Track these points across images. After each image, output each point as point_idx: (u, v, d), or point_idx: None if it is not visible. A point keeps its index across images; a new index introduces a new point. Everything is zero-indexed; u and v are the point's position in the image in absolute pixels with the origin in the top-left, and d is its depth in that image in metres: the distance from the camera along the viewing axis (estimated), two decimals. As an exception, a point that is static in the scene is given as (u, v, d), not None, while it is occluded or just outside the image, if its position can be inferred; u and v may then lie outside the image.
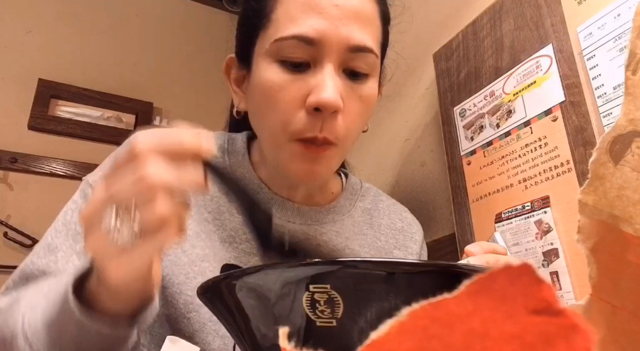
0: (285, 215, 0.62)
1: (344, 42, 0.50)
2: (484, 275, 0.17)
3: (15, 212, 1.57)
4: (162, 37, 1.99)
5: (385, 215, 0.70)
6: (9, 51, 1.71)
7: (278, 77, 0.51)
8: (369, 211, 0.70)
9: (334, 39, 0.50)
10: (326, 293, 0.23)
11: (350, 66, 0.52)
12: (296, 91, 0.51)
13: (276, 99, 0.52)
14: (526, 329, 0.17)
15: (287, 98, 0.51)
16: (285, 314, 0.25)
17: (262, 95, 0.53)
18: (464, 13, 0.90)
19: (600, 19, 0.61)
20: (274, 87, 0.52)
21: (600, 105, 0.60)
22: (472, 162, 0.79)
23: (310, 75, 0.51)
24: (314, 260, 0.25)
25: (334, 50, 0.50)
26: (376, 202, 0.71)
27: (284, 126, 0.52)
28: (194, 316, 0.54)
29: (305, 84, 0.51)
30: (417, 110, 1.01)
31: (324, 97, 0.49)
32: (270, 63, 0.52)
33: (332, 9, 0.50)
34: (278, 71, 0.52)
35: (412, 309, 0.17)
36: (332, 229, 0.64)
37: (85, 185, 0.59)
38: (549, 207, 0.64)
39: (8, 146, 1.61)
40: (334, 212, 0.65)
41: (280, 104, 0.51)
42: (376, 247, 0.66)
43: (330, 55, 0.50)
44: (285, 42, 0.51)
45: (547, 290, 0.17)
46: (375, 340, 0.17)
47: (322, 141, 0.51)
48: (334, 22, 0.50)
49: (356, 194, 0.70)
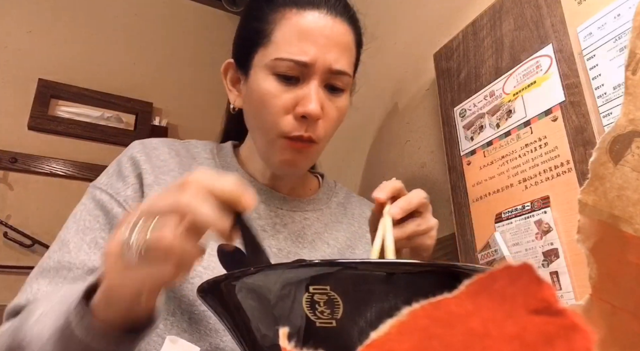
0: (273, 203, 0.72)
1: (328, 66, 0.63)
2: (484, 275, 0.17)
3: (15, 212, 1.57)
4: (162, 37, 1.99)
5: (357, 207, 0.82)
6: (9, 51, 1.70)
7: (273, 87, 0.64)
8: (343, 204, 0.82)
9: (321, 63, 0.63)
10: (326, 294, 0.23)
11: (330, 83, 0.66)
12: (287, 100, 0.63)
13: (270, 104, 0.64)
14: (526, 329, 0.17)
15: (279, 105, 0.63)
16: (285, 314, 0.25)
17: (258, 99, 0.65)
18: (464, 13, 0.90)
19: (600, 19, 0.61)
20: (269, 95, 0.64)
21: (600, 105, 0.60)
22: (472, 162, 0.79)
23: (299, 88, 0.64)
24: (314, 262, 0.25)
25: (320, 71, 0.63)
26: (348, 197, 0.84)
27: (275, 126, 0.64)
28: (197, 281, 0.59)
29: (295, 94, 0.63)
30: (417, 111, 1.01)
31: (310, 108, 0.62)
32: (268, 75, 0.64)
33: (321, 38, 0.63)
34: (273, 82, 0.64)
35: (412, 309, 0.17)
36: (314, 216, 0.75)
37: (93, 188, 0.67)
38: (549, 207, 0.64)
39: (8, 146, 1.61)
40: (314, 203, 0.77)
41: (273, 109, 0.64)
42: (351, 231, 0.78)
43: (317, 74, 0.63)
44: (283, 62, 0.63)
45: (547, 290, 0.17)
46: (375, 339, 0.17)
47: (307, 139, 0.64)
48: (322, 49, 0.63)
49: (331, 191, 0.83)
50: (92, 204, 0.65)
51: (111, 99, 1.83)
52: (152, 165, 0.68)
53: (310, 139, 0.64)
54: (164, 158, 0.70)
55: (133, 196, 0.65)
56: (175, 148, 0.73)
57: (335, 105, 0.66)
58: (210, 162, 0.74)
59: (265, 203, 0.72)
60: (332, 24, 0.65)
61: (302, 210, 0.75)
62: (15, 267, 1.50)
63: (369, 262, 0.25)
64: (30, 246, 1.54)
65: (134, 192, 0.66)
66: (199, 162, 0.74)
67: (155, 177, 0.67)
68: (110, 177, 0.68)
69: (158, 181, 0.67)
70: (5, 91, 1.67)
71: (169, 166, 0.70)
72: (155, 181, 0.66)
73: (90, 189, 0.67)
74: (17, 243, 1.53)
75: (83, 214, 0.64)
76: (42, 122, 1.68)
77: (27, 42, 1.74)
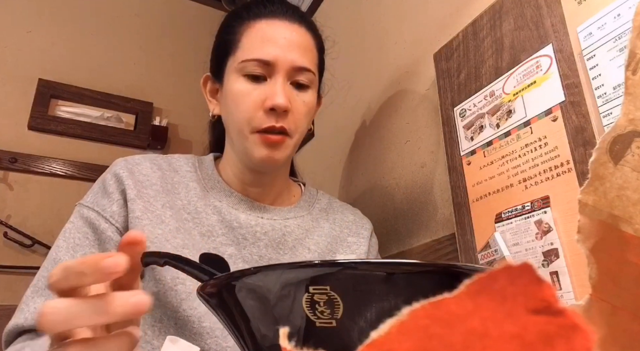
0: (254, 212, 0.76)
1: (290, 63, 0.71)
2: (484, 275, 0.17)
3: (15, 212, 1.57)
4: (162, 37, 1.99)
5: (339, 212, 0.87)
6: (9, 51, 1.70)
7: (243, 87, 0.71)
8: (325, 210, 0.86)
9: (282, 60, 0.70)
10: (326, 294, 0.23)
11: (295, 79, 0.73)
12: (256, 97, 0.70)
13: (242, 102, 0.70)
14: (526, 329, 0.17)
15: (249, 102, 0.70)
16: (285, 315, 0.25)
17: (231, 100, 0.72)
18: (464, 13, 0.90)
19: (600, 19, 0.61)
20: (240, 94, 0.71)
21: (600, 105, 0.60)
22: (472, 162, 0.79)
23: (266, 86, 0.71)
24: (314, 262, 0.25)
25: (283, 69, 0.70)
26: (330, 203, 0.88)
27: (248, 122, 0.70)
28: (180, 287, 0.65)
29: (263, 92, 0.70)
30: (417, 111, 1.01)
31: (277, 100, 0.68)
32: (238, 77, 0.72)
33: (282, 40, 0.72)
34: (243, 83, 0.71)
35: (413, 308, 0.17)
36: (295, 223, 0.79)
37: (80, 207, 0.70)
38: (549, 207, 0.64)
39: (8, 146, 1.61)
40: (295, 211, 0.81)
41: (244, 106, 0.70)
42: (332, 235, 0.82)
43: (281, 72, 0.70)
44: (249, 63, 0.71)
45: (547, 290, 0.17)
46: (375, 339, 0.17)
47: (279, 130, 0.69)
48: (283, 49, 0.71)
49: (313, 198, 0.87)
50: (80, 222, 0.68)
51: (111, 99, 1.83)
52: (135, 180, 0.71)
53: (282, 130, 0.69)
54: (146, 173, 0.74)
55: (119, 211, 0.68)
56: (158, 163, 0.77)
57: (301, 99, 0.73)
58: (192, 175, 0.78)
59: (245, 213, 0.75)
60: (291, 29, 0.73)
61: (282, 218, 0.78)
62: (15, 267, 1.50)
63: (369, 261, 0.25)
64: (30, 246, 1.54)
65: (119, 208, 0.69)
66: (181, 175, 0.78)
67: (137, 191, 0.70)
68: (95, 194, 0.71)
69: (140, 194, 0.70)
70: (5, 91, 1.67)
71: (151, 180, 0.73)
72: (137, 195, 0.70)
73: (77, 208, 0.70)
74: (17, 243, 1.53)
75: (72, 232, 0.67)
76: (42, 122, 1.68)
77: (27, 42, 1.74)
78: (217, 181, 0.77)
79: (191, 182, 0.77)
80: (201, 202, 0.74)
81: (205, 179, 0.78)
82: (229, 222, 0.74)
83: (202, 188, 0.76)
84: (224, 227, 0.73)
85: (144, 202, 0.70)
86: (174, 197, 0.73)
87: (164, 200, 0.72)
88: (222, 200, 0.75)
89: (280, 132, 0.70)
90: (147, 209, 0.69)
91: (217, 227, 0.73)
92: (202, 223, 0.73)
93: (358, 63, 1.28)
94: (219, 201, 0.75)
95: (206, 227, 0.72)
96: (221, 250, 0.72)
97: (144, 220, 0.68)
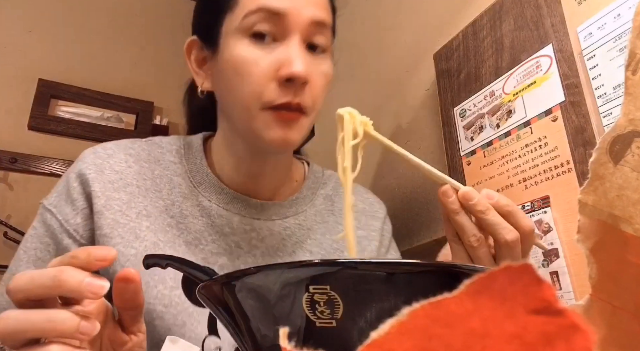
0: (249, 213, 0.64)
1: (308, 15, 0.55)
2: (484, 275, 0.17)
3: (15, 212, 1.57)
4: (162, 37, 1.99)
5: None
6: (9, 51, 1.70)
7: (249, 51, 0.55)
8: (330, 197, 0.73)
9: (297, 13, 0.55)
10: (326, 294, 0.23)
11: (312, 40, 0.57)
12: (267, 64, 0.55)
13: (248, 72, 0.55)
14: (526, 329, 0.17)
15: (258, 71, 0.54)
16: (285, 315, 0.25)
17: (233, 70, 0.56)
18: (464, 13, 0.90)
19: (600, 19, 0.61)
20: (246, 62, 0.55)
21: (600, 105, 0.60)
22: (472, 162, 0.79)
23: (279, 49, 0.55)
24: (314, 261, 0.25)
25: (299, 23, 0.55)
26: (337, 187, 0.75)
27: (257, 96, 0.55)
28: (158, 323, 0.56)
29: (275, 57, 0.55)
30: (417, 111, 1.01)
31: (296, 69, 0.53)
32: (240, 39, 0.56)
33: None
34: (248, 46, 0.55)
35: (413, 309, 0.17)
36: (295, 223, 0.67)
37: (43, 210, 0.61)
38: (549, 207, 0.64)
39: (8, 146, 1.61)
40: (296, 205, 0.69)
41: (252, 77, 0.55)
42: (337, 231, 0.70)
43: (296, 28, 0.55)
44: (253, 16, 0.55)
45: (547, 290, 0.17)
46: (375, 339, 0.17)
47: (296, 106, 0.55)
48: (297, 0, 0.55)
49: (318, 182, 0.74)
50: (42, 229, 0.60)
51: (111, 99, 1.83)
52: (104, 183, 0.60)
53: (299, 107, 0.56)
54: (118, 169, 0.62)
55: (83, 224, 0.59)
56: (135, 153, 0.65)
57: (319, 69, 0.58)
58: (177, 167, 0.65)
59: (239, 214, 0.64)
60: None
61: (281, 218, 0.67)
62: (15, 267, 1.50)
63: (369, 261, 0.25)
64: (30, 246, 1.54)
65: (83, 219, 0.59)
66: (163, 166, 0.65)
67: (106, 200, 0.59)
68: (59, 196, 0.62)
69: (109, 204, 0.59)
70: (5, 91, 1.67)
71: (126, 179, 0.62)
72: (106, 205, 0.59)
73: (40, 210, 0.62)
74: (17, 243, 1.53)
75: (34, 241, 0.60)
76: (42, 122, 1.68)
77: (27, 42, 1.74)
78: (206, 174, 0.65)
79: (175, 176, 0.64)
80: (187, 202, 0.63)
81: (193, 172, 0.65)
82: (219, 227, 0.63)
83: (188, 184, 0.64)
84: (214, 233, 0.62)
85: (114, 214, 0.59)
86: (155, 197, 0.62)
87: (140, 206, 0.61)
88: (212, 199, 0.64)
89: (296, 108, 0.56)
90: (118, 223, 0.59)
91: (205, 233, 0.62)
92: (188, 229, 0.62)
93: (358, 63, 1.28)
94: (208, 200, 0.64)
95: (193, 234, 0.62)
96: (211, 260, 0.61)
97: (114, 238, 0.58)
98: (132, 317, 0.38)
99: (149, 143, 0.67)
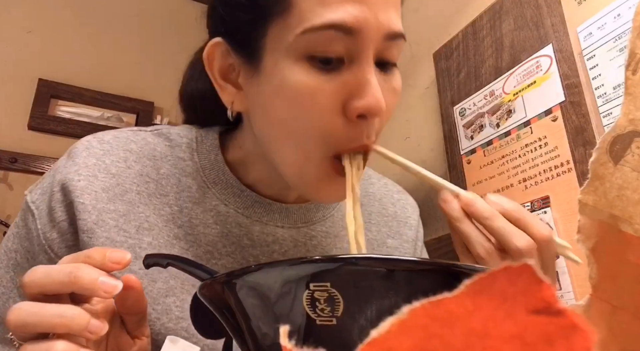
0: (272, 219, 0.54)
1: (384, 29, 0.41)
2: (484, 275, 0.17)
3: (15, 212, 1.57)
4: (162, 37, 1.99)
5: (376, 201, 0.64)
6: (9, 51, 1.70)
7: (310, 78, 0.41)
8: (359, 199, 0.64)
9: (374, 26, 0.41)
10: (326, 291, 0.23)
11: (384, 56, 0.44)
12: (333, 94, 0.41)
13: (310, 106, 0.41)
14: (526, 329, 0.17)
15: (323, 104, 0.41)
16: (285, 313, 0.25)
17: (290, 101, 0.42)
18: (464, 13, 0.90)
19: (600, 19, 0.61)
20: (307, 92, 0.41)
21: (600, 105, 0.60)
22: (472, 161, 0.79)
23: (347, 73, 0.41)
24: (314, 258, 0.25)
25: (373, 40, 0.41)
26: (366, 186, 0.64)
27: (323, 138, 0.42)
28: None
29: (342, 84, 0.41)
30: (417, 109, 1.01)
31: (374, 102, 0.40)
32: (297, 61, 0.41)
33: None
34: (309, 71, 0.41)
35: (413, 307, 0.17)
36: (322, 229, 0.58)
37: (26, 205, 0.52)
38: (549, 207, 0.64)
39: (8, 146, 1.61)
40: (324, 208, 0.59)
41: (315, 112, 0.42)
42: (367, 239, 0.59)
43: (370, 46, 0.41)
44: (317, 34, 0.40)
45: (547, 290, 0.17)
46: (375, 338, 0.17)
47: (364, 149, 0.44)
48: (372, 7, 0.40)
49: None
50: (24, 230, 0.51)
51: (111, 99, 1.83)
52: (95, 192, 0.49)
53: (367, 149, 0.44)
54: (116, 172, 0.51)
55: (59, 241, 0.49)
56: (137, 148, 0.54)
57: (391, 87, 0.46)
58: (186, 165, 0.54)
59: (260, 222, 0.54)
60: None
61: (308, 225, 0.57)
62: (15, 267, 1.50)
63: (369, 257, 0.25)
64: (30, 246, 1.54)
65: (59, 236, 0.49)
66: (171, 163, 0.54)
67: (98, 215, 0.49)
68: (43, 195, 0.51)
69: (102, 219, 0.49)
70: (5, 91, 1.67)
71: (124, 184, 0.51)
72: (97, 221, 0.48)
73: (24, 205, 0.52)
74: (17, 242, 1.53)
75: (15, 242, 0.52)
76: (42, 122, 1.68)
77: (27, 42, 1.74)
78: (222, 172, 0.54)
79: (184, 176, 0.54)
80: (198, 207, 0.53)
81: (207, 169, 0.54)
82: (237, 238, 0.53)
83: (200, 185, 0.53)
84: (229, 244, 0.52)
85: (108, 231, 0.49)
86: (160, 203, 0.52)
87: (141, 217, 0.51)
88: (229, 202, 0.53)
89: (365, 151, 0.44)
90: (113, 241, 0.49)
91: (219, 245, 0.52)
92: (198, 241, 0.52)
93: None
94: (225, 203, 0.53)
95: (204, 247, 0.52)
96: None
97: None
98: (136, 322, 0.38)
99: (155, 135, 0.56)
